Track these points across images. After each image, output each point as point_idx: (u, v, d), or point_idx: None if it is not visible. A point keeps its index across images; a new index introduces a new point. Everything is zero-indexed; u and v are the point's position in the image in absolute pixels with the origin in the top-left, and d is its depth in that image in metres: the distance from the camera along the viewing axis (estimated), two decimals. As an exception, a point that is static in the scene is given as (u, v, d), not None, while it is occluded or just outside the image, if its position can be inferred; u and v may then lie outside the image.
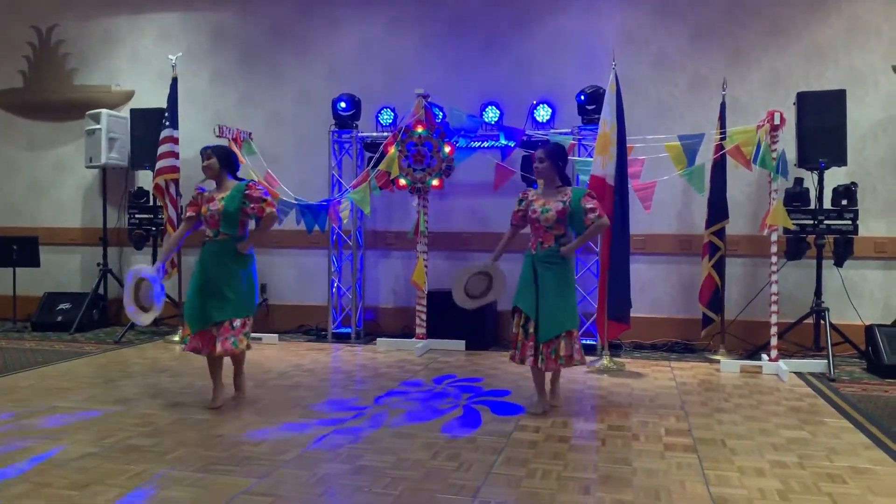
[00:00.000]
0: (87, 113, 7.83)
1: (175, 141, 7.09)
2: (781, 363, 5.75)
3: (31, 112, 8.70)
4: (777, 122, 5.76)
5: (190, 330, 4.53)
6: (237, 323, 4.53)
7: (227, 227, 4.52)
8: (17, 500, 3.04)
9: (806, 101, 6.12)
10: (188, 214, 4.70)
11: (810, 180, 6.24)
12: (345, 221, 6.84)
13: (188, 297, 4.57)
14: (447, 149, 6.58)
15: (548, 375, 4.58)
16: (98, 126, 7.68)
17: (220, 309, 4.46)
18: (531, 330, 4.33)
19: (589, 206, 4.37)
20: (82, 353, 6.48)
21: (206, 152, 4.66)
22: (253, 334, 7.21)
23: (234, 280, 4.50)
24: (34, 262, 7.90)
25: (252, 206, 4.54)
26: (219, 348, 4.45)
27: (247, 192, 4.56)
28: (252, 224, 4.71)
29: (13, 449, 3.72)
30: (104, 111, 7.76)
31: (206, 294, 4.47)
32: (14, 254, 7.81)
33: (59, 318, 7.74)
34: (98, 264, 8.04)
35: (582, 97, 6.62)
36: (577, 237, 4.42)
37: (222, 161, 4.65)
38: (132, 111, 7.89)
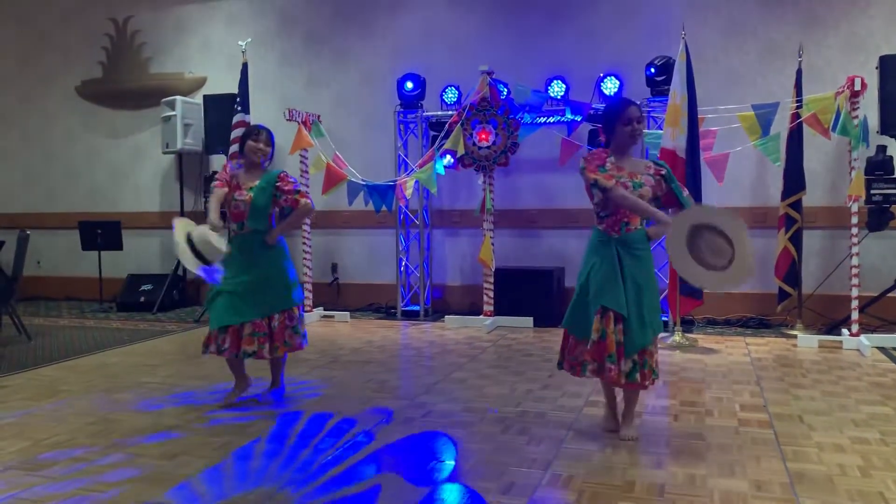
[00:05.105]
0: (163, 100, 8.11)
1: (247, 125, 7.29)
2: (863, 338, 5.56)
3: (110, 101, 9.05)
4: (858, 87, 5.51)
5: (217, 327, 4.03)
6: (297, 313, 4.21)
7: (253, 223, 4.12)
8: (112, 468, 3.23)
9: (889, 65, 5.82)
10: (222, 189, 4.14)
11: (894, 148, 5.97)
12: (410, 200, 6.91)
13: (225, 294, 4.06)
14: (512, 126, 6.56)
15: (619, 396, 3.68)
16: (173, 113, 7.94)
17: (279, 299, 4.12)
18: (622, 337, 3.40)
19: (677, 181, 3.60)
20: (165, 332, 6.77)
21: (264, 136, 4.17)
22: (325, 312, 7.57)
23: (273, 269, 4.12)
24: (117, 245, 8.26)
25: (284, 198, 4.13)
26: (279, 348, 4.12)
27: (278, 184, 4.12)
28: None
29: (108, 417, 3.94)
30: (178, 98, 8.01)
31: (252, 289, 4.06)
32: (98, 238, 8.20)
33: (142, 299, 8.10)
34: (177, 247, 8.34)
35: (651, 69, 6.46)
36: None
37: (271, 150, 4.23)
38: (205, 97, 8.11)
